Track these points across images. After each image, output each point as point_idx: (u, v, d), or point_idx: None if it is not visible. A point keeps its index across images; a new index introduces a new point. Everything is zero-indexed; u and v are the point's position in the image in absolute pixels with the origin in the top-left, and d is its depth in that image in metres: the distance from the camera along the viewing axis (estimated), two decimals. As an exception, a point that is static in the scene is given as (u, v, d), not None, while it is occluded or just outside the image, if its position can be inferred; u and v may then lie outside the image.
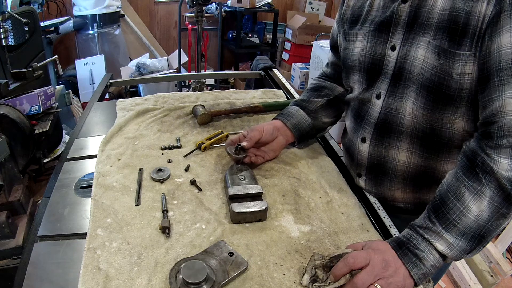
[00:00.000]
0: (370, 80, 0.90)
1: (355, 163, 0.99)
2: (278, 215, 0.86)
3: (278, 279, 0.70)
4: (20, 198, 1.29)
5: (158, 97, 1.43)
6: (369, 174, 0.96)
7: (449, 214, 0.69)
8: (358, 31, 0.91)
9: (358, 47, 0.90)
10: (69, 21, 3.48)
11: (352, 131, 0.98)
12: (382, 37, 0.85)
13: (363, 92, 0.92)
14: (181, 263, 0.69)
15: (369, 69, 0.90)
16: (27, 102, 1.54)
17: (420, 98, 0.81)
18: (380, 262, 0.66)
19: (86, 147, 1.14)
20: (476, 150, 0.70)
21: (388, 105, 0.87)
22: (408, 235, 0.72)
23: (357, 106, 0.95)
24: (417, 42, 0.79)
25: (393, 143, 0.89)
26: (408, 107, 0.83)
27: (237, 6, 4.29)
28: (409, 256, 0.68)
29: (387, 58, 0.85)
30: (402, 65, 0.82)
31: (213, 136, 1.12)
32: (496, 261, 2.10)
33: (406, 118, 0.84)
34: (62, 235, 0.80)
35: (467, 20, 0.71)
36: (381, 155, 0.92)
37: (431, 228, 0.70)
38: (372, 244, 0.70)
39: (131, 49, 4.16)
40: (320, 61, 3.47)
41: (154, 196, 0.89)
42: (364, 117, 0.93)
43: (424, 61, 0.78)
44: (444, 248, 0.68)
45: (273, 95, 1.49)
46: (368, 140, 0.92)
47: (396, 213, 0.94)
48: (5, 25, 1.51)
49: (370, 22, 0.88)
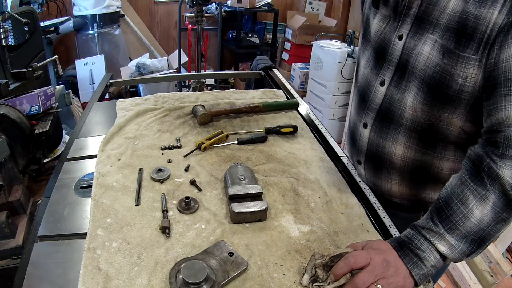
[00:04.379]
0: (376, 62, 0.92)
1: (356, 149, 1.01)
2: (278, 215, 0.86)
3: (278, 279, 0.70)
4: (20, 198, 1.30)
5: (158, 97, 1.43)
6: (368, 162, 0.99)
7: (452, 216, 0.69)
8: (379, 10, 0.91)
9: (376, 25, 0.92)
10: (69, 21, 3.48)
11: (356, 114, 1.01)
12: (394, 24, 0.86)
13: (370, 73, 0.94)
14: (181, 263, 0.70)
15: (378, 51, 0.91)
16: (27, 102, 1.54)
17: (420, 93, 0.82)
18: (381, 262, 0.66)
19: (86, 147, 1.14)
20: (482, 156, 0.70)
21: (391, 95, 0.88)
22: (409, 235, 0.72)
23: (362, 89, 0.98)
24: (425, 39, 0.79)
25: (391, 135, 0.91)
26: (409, 100, 0.85)
27: (237, 6, 4.28)
28: (410, 256, 0.68)
29: (393, 46, 0.86)
30: (408, 57, 0.83)
31: (213, 136, 1.12)
32: (496, 261, 2.10)
33: (407, 111, 0.86)
34: (62, 235, 0.80)
35: (476, 24, 0.71)
36: (379, 145, 0.94)
37: (434, 229, 0.70)
38: (373, 244, 0.70)
39: (131, 49, 4.16)
40: (320, 61, 3.47)
41: (154, 196, 0.89)
42: (367, 102, 0.95)
43: (428, 58, 0.79)
44: (446, 250, 0.69)
45: (273, 95, 1.49)
46: (369, 125, 0.95)
47: (392, 209, 0.94)
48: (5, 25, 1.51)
49: (389, 5, 0.88)
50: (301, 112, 1.37)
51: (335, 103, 3.42)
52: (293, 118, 1.31)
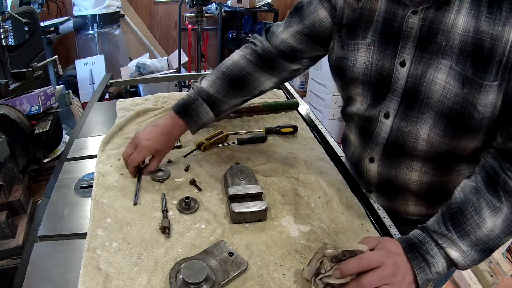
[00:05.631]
0: (377, 96, 0.84)
1: (364, 180, 0.96)
2: (278, 215, 0.86)
3: (278, 279, 0.70)
4: (20, 198, 1.29)
5: (158, 97, 1.43)
6: (380, 191, 0.94)
7: (465, 224, 0.68)
8: (361, 41, 0.82)
9: (362, 58, 0.83)
10: (69, 21, 3.48)
11: (359, 149, 0.94)
12: (390, 50, 0.78)
13: (369, 108, 0.86)
14: (181, 263, 0.70)
15: (375, 84, 0.83)
16: (27, 102, 1.54)
17: (438, 125, 0.75)
18: (391, 267, 0.65)
19: (86, 147, 1.14)
20: (498, 170, 0.70)
21: (399, 128, 0.81)
22: (420, 237, 0.70)
23: (363, 123, 0.90)
24: (436, 65, 0.72)
25: (405, 163, 0.85)
26: (423, 133, 0.78)
27: (237, 6, 4.29)
28: (419, 260, 0.67)
29: (396, 75, 0.78)
30: (417, 86, 0.76)
31: (213, 136, 1.12)
32: (496, 261, 2.10)
33: (420, 143, 0.80)
34: (62, 235, 0.80)
35: (493, 45, 0.65)
36: (391, 175, 0.88)
37: (446, 235, 0.69)
38: (386, 245, 0.68)
39: (131, 49, 4.16)
40: (320, 61, 3.47)
41: (154, 196, 0.89)
42: (371, 136, 0.87)
43: (445, 87, 0.72)
44: (457, 256, 0.68)
45: (273, 95, 1.49)
46: (376, 160, 0.89)
47: (408, 225, 0.90)
48: (5, 25, 1.51)
49: (374, 31, 0.80)
50: (301, 112, 1.37)
51: (335, 103, 3.42)
52: (293, 118, 1.31)
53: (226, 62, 0.99)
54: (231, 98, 0.96)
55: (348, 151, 1.04)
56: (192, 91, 0.96)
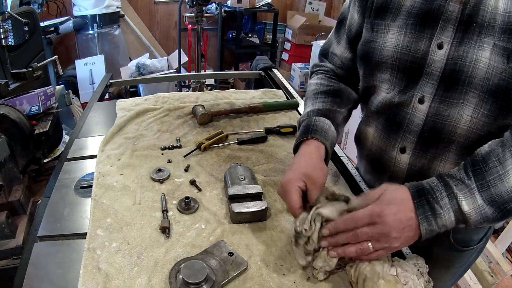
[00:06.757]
0: (408, 81, 0.81)
1: (387, 176, 0.90)
2: (278, 215, 0.86)
3: (278, 279, 0.70)
4: (20, 198, 1.30)
5: (158, 97, 1.43)
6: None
7: (487, 173, 0.65)
8: (392, 22, 0.81)
9: (392, 41, 0.80)
10: (69, 21, 3.49)
11: (384, 140, 0.88)
12: (425, 32, 0.77)
13: (399, 94, 0.82)
14: (181, 263, 0.70)
15: (407, 68, 0.80)
16: (27, 102, 1.55)
17: (484, 105, 0.73)
18: (391, 221, 0.63)
19: (86, 147, 1.14)
20: None
21: (438, 112, 0.78)
22: (433, 184, 0.66)
23: (391, 111, 0.85)
24: (479, 44, 0.72)
25: (440, 154, 0.82)
26: (465, 114, 0.76)
27: (237, 6, 4.29)
28: (425, 208, 0.64)
29: (432, 57, 0.76)
30: (458, 67, 0.74)
31: (213, 136, 1.12)
32: (496, 261, 2.10)
33: (461, 127, 0.77)
34: (62, 235, 0.80)
35: None
36: (423, 167, 0.84)
37: (465, 181, 0.65)
38: (389, 195, 0.67)
39: (131, 49, 4.16)
40: (320, 61, 3.47)
41: (154, 196, 0.89)
42: (403, 124, 0.83)
43: (490, 65, 0.71)
44: (470, 210, 0.64)
45: (273, 95, 1.49)
46: (409, 150, 0.84)
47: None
48: (5, 25, 1.52)
49: (407, 13, 0.79)
50: (301, 112, 1.38)
51: (335, 103, 3.42)
52: (293, 118, 1.31)
53: (310, 87, 1.00)
54: (339, 107, 0.94)
55: (364, 147, 0.98)
56: (302, 122, 0.91)
